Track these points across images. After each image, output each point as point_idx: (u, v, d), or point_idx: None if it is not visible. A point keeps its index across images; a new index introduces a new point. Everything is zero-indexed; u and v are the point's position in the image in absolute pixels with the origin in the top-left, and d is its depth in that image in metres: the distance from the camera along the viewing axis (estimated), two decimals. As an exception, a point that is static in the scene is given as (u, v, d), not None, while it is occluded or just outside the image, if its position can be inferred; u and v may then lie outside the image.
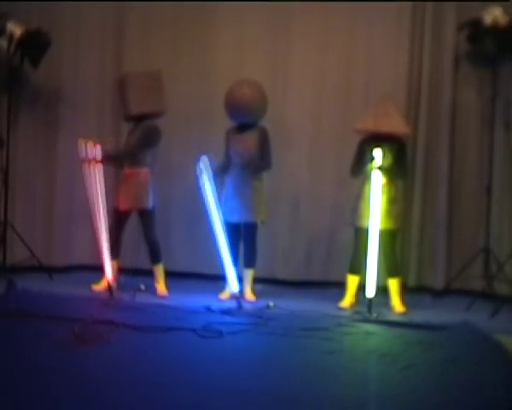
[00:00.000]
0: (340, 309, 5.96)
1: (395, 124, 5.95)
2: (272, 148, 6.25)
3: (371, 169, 5.84)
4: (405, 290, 6.25)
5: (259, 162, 6.13)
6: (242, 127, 6.20)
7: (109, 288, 6.01)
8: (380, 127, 5.91)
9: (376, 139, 5.94)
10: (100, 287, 6.24)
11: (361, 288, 6.03)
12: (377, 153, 5.81)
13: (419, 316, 5.73)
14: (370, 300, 5.73)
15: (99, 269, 6.42)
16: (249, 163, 6.08)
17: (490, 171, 6.56)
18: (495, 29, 6.27)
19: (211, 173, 6.02)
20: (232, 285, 6.06)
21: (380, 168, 5.83)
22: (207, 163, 6.00)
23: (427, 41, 6.82)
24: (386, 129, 5.91)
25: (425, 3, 6.85)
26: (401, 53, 6.88)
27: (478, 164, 6.76)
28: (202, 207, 6.10)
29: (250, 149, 6.13)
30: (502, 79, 6.54)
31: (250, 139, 6.16)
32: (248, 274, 6.24)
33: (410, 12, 6.87)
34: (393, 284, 6.01)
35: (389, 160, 5.92)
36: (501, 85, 6.54)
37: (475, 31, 6.43)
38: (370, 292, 5.77)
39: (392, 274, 6.00)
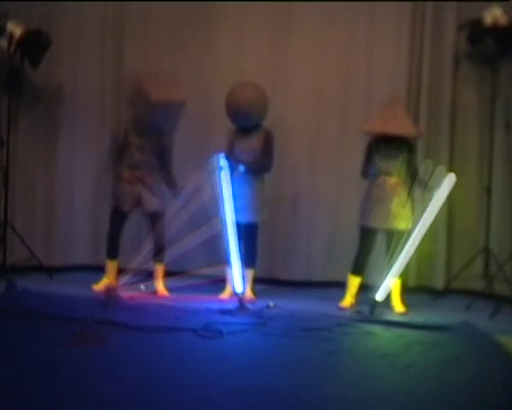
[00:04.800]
0: (340, 309, 5.96)
1: (404, 126, 5.93)
2: (274, 150, 6.25)
3: (381, 171, 5.86)
4: (405, 290, 6.25)
5: (259, 164, 6.13)
6: (246, 128, 6.19)
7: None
8: (388, 129, 5.89)
9: (385, 141, 5.93)
10: (100, 287, 6.23)
11: (361, 288, 6.04)
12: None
13: (419, 316, 5.74)
14: (377, 302, 5.73)
15: (99, 269, 6.43)
16: (249, 165, 6.08)
17: (490, 171, 6.56)
18: (495, 29, 6.27)
19: (225, 171, 6.00)
20: (237, 285, 6.03)
21: (390, 170, 5.85)
22: (223, 161, 6.00)
23: (427, 41, 6.83)
24: (394, 131, 5.88)
25: (425, 3, 6.85)
26: (401, 53, 6.88)
27: (478, 164, 6.77)
28: (202, 206, 6.09)
29: (254, 150, 6.14)
30: (502, 79, 6.54)
31: (255, 141, 6.16)
32: (249, 274, 6.24)
33: (410, 12, 6.88)
34: (394, 285, 6.00)
35: (399, 162, 5.91)
36: (501, 85, 6.54)
37: (475, 31, 6.42)
38: (381, 295, 5.76)
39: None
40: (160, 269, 6.33)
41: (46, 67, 6.82)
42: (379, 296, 5.76)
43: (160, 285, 6.30)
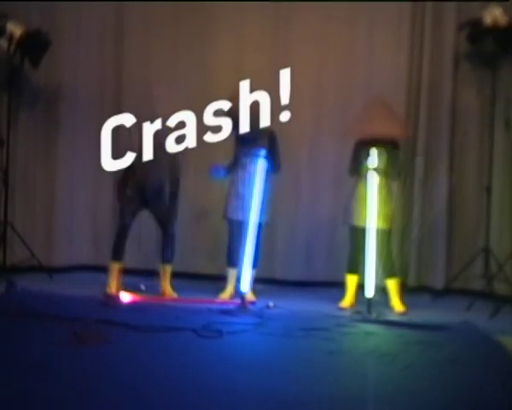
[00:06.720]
0: (340, 309, 5.96)
1: (387, 126, 5.95)
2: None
3: (367, 169, 5.87)
4: (405, 290, 6.25)
5: (272, 165, 6.14)
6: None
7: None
8: (372, 131, 5.90)
9: (371, 140, 5.95)
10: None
11: (360, 287, 6.03)
12: (373, 153, 5.84)
13: (419, 316, 5.73)
14: (370, 300, 5.73)
15: (99, 269, 6.42)
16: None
17: (490, 171, 6.56)
18: (495, 29, 6.28)
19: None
20: (243, 285, 5.99)
21: (375, 169, 5.86)
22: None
23: (427, 41, 6.83)
24: (378, 131, 5.90)
25: (425, 3, 6.86)
26: (401, 53, 6.89)
27: (478, 164, 6.77)
28: (202, 206, 6.10)
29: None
30: (502, 79, 6.55)
31: (259, 143, 6.14)
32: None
33: (410, 12, 6.88)
34: (392, 285, 6.00)
35: (383, 161, 5.94)
36: (501, 85, 6.55)
37: (475, 31, 6.43)
38: (369, 292, 5.77)
39: (389, 275, 6.00)
40: (167, 270, 6.29)
41: (46, 67, 6.82)
42: (369, 293, 5.75)
43: (167, 287, 6.26)
